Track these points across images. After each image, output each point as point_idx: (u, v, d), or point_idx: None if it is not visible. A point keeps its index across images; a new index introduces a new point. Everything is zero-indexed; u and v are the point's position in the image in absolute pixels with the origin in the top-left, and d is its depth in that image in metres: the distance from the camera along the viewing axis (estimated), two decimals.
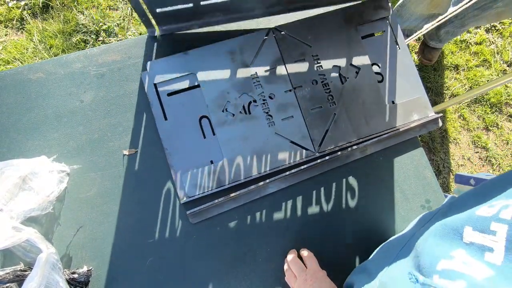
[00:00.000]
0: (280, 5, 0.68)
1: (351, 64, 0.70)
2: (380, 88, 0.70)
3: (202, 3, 0.60)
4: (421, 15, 1.32)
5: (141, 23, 1.54)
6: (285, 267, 0.60)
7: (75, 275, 0.56)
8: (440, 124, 0.72)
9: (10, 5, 1.48)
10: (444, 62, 1.65)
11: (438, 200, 0.69)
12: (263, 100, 0.66)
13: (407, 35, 1.58)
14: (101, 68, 0.68)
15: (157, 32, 0.69)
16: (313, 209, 0.66)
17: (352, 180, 0.68)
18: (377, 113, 0.68)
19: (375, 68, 0.71)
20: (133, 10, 1.53)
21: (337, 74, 0.70)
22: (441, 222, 0.34)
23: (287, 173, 0.64)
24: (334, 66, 0.69)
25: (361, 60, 0.70)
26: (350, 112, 0.68)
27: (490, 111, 1.59)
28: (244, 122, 0.65)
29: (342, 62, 0.70)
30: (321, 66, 0.69)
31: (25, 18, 1.48)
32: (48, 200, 0.56)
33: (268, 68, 0.68)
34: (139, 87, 0.67)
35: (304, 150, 0.65)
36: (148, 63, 0.65)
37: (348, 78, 0.69)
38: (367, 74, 0.70)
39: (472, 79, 1.62)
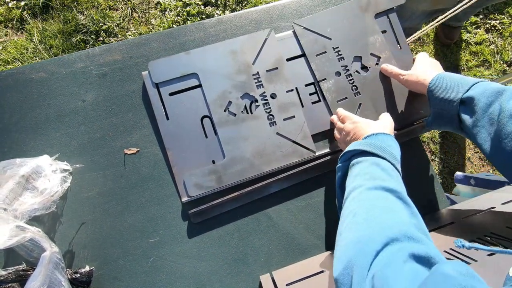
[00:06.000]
0: None
1: (372, 54, 0.70)
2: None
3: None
4: (423, 12, 1.31)
5: (141, 24, 1.54)
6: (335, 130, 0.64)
7: (77, 275, 0.56)
8: None
9: (10, 5, 1.48)
10: (444, 62, 1.65)
11: (439, 200, 0.69)
12: (265, 100, 0.66)
13: (408, 34, 1.58)
14: (102, 67, 0.68)
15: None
16: (315, 209, 0.66)
17: None
18: (401, 100, 0.69)
19: None
20: (133, 11, 1.53)
21: (359, 64, 0.70)
22: None
23: (289, 173, 0.64)
24: (355, 56, 0.70)
25: (380, 49, 0.71)
26: (374, 101, 0.69)
27: None
28: (245, 122, 0.65)
29: (362, 52, 0.71)
30: (342, 57, 0.70)
31: (25, 18, 1.48)
32: (52, 200, 0.56)
33: (269, 68, 0.68)
34: (140, 86, 0.67)
35: (305, 150, 0.65)
36: (150, 62, 0.65)
37: (370, 67, 0.70)
38: (388, 63, 0.70)
39: None
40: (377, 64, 0.70)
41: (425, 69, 0.61)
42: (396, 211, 0.41)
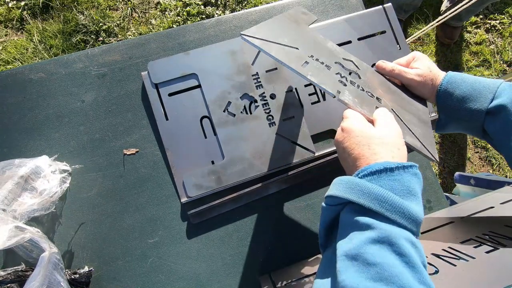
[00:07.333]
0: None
1: (344, 59, 0.55)
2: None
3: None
4: None
5: (141, 24, 1.54)
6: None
7: (76, 276, 0.56)
8: None
9: (10, 5, 1.48)
10: (444, 62, 1.65)
11: (439, 200, 0.69)
12: (264, 100, 0.66)
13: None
14: (102, 68, 0.68)
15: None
16: (314, 210, 0.66)
17: None
18: None
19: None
20: (133, 11, 1.53)
21: (345, 70, 0.53)
22: None
23: (288, 173, 0.64)
24: (335, 63, 0.53)
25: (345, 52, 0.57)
26: (400, 101, 0.54)
27: None
28: (245, 122, 0.65)
29: (335, 58, 0.54)
30: (327, 66, 0.51)
31: (25, 18, 1.48)
32: (51, 201, 0.56)
33: (269, 68, 0.68)
34: (140, 87, 0.67)
35: (305, 151, 0.65)
36: (149, 63, 0.65)
37: (357, 71, 0.54)
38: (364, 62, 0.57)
39: None
40: (358, 67, 0.55)
41: (433, 73, 0.51)
42: None
